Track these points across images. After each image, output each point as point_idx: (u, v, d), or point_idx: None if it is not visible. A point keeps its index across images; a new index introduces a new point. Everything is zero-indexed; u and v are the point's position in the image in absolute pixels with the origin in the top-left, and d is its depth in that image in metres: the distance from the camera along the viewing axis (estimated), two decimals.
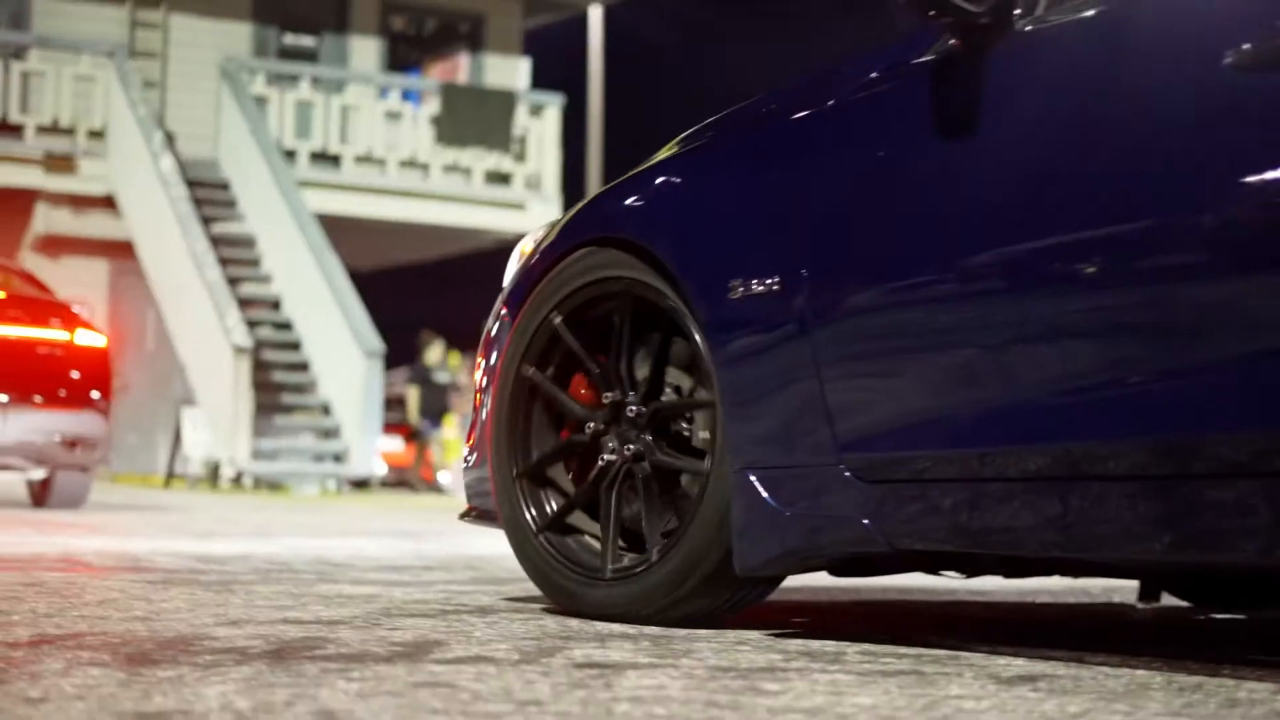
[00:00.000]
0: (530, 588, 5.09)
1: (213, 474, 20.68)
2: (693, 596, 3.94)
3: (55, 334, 12.50)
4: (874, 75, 3.78)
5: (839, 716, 2.55)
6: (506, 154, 25.17)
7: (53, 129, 22.74)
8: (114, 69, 22.95)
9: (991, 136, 3.48)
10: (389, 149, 24.68)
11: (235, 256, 22.26)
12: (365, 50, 26.60)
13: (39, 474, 12.90)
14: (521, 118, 25.63)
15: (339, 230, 23.34)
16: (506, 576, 5.86)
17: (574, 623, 4.01)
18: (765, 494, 3.76)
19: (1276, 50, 2.93)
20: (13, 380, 12.27)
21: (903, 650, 3.55)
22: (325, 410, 21.42)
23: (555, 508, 4.28)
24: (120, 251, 23.26)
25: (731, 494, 3.81)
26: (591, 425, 4.21)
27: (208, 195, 22.86)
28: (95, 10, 24.44)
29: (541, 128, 25.79)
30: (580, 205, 4.53)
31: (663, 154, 4.36)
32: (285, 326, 22.11)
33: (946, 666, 3.24)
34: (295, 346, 21.97)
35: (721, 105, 4.49)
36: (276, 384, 21.43)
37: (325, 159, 24.36)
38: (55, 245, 23.35)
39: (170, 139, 22.90)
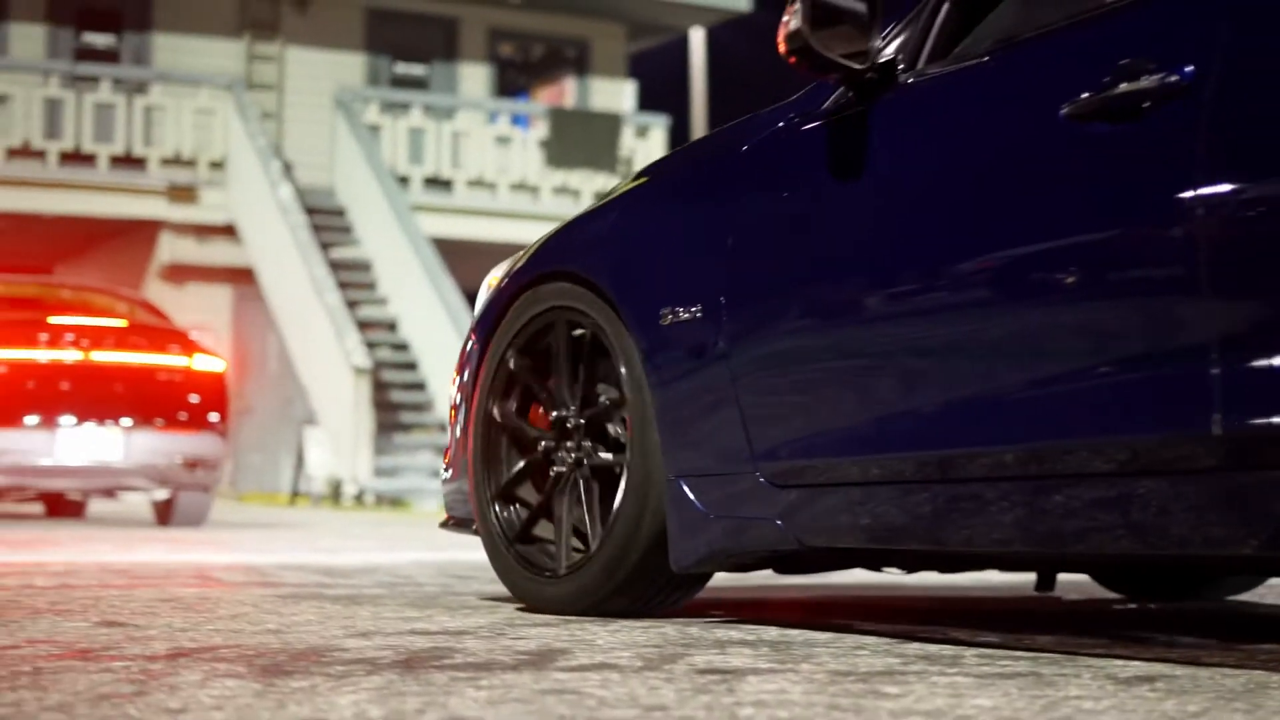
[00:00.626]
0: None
1: (335, 492, 20.82)
2: (624, 589, 4.30)
3: (175, 360, 12.67)
4: (781, 124, 4.14)
5: (960, 718, 2.52)
6: (614, 175, 25.22)
7: (175, 161, 23.00)
8: (233, 101, 23.18)
9: (877, 178, 3.82)
10: (499, 172, 24.79)
11: (353, 280, 22.42)
12: (474, 77, 26.74)
13: (162, 494, 13.06)
14: (627, 139, 25.67)
15: (452, 252, 23.46)
16: None
17: (694, 630, 4.00)
18: (694, 499, 4.13)
19: (1100, 103, 3.27)
20: (135, 405, 12.47)
21: (1020, 652, 3.52)
22: (442, 428, 21.53)
23: (522, 522, 4.63)
24: (242, 278, 23.48)
25: (666, 499, 4.18)
26: (543, 444, 4.59)
27: (325, 221, 23.03)
28: (213, 45, 24.71)
29: (647, 148, 25.81)
30: (539, 240, 4.87)
31: (613, 192, 4.70)
32: (402, 347, 22.24)
33: (1064, 668, 3.20)
34: (412, 366, 22.09)
35: None
36: (395, 403, 21.55)
37: (438, 184, 24.50)
38: (180, 273, 23.61)
39: (288, 168, 23.10)
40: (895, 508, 3.69)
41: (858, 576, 6.83)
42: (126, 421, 12.43)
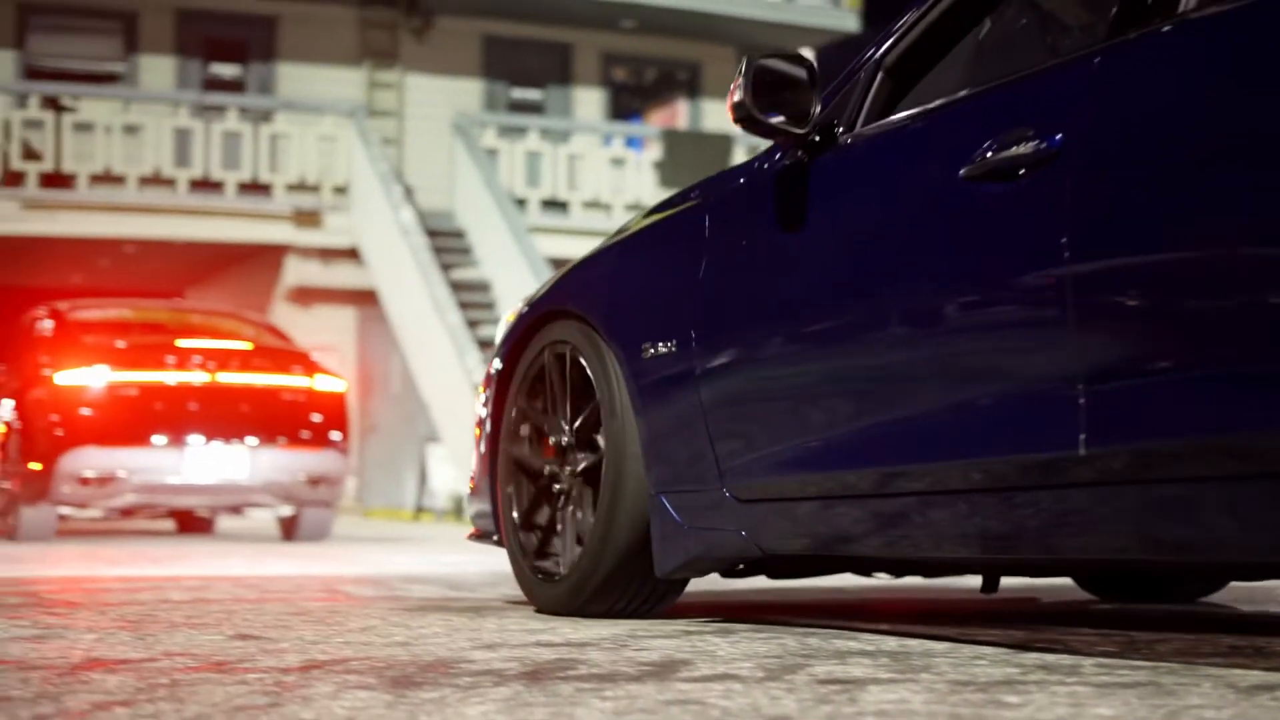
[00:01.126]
0: (763, 611, 5.07)
1: (457, 507, 20.92)
2: (605, 592, 4.76)
3: (297, 380, 12.82)
4: (742, 179, 4.59)
5: None
6: None
7: (300, 186, 23.21)
8: (354, 128, 23.37)
9: (817, 227, 4.25)
10: (614, 194, 24.84)
11: (473, 300, 22.53)
12: (589, 101, 26.83)
13: (287, 510, 13.19)
14: (738, 159, 25.66)
15: None
16: (737, 599, 5.84)
17: (814, 640, 3.99)
18: (673, 512, 4.57)
19: (989, 166, 3.66)
20: (260, 424, 12.64)
21: (1138, 662, 3.47)
22: None
23: (539, 540, 5.11)
24: (366, 299, 23.66)
25: (650, 512, 4.62)
26: (548, 469, 5.08)
27: (445, 243, 23.16)
28: (336, 73, 24.93)
29: None
30: (551, 278, 5.40)
31: (620, 231, 5.16)
32: None
33: (1183, 677, 3.16)
34: None
35: None
36: None
37: (554, 205, 24.59)
38: (305, 295, 23.82)
39: (409, 192, 23.26)
40: (839, 519, 4.16)
41: (951, 582, 6.77)
42: (252, 440, 12.58)
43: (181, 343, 13.12)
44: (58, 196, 22.18)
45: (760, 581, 6.44)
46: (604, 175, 24.78)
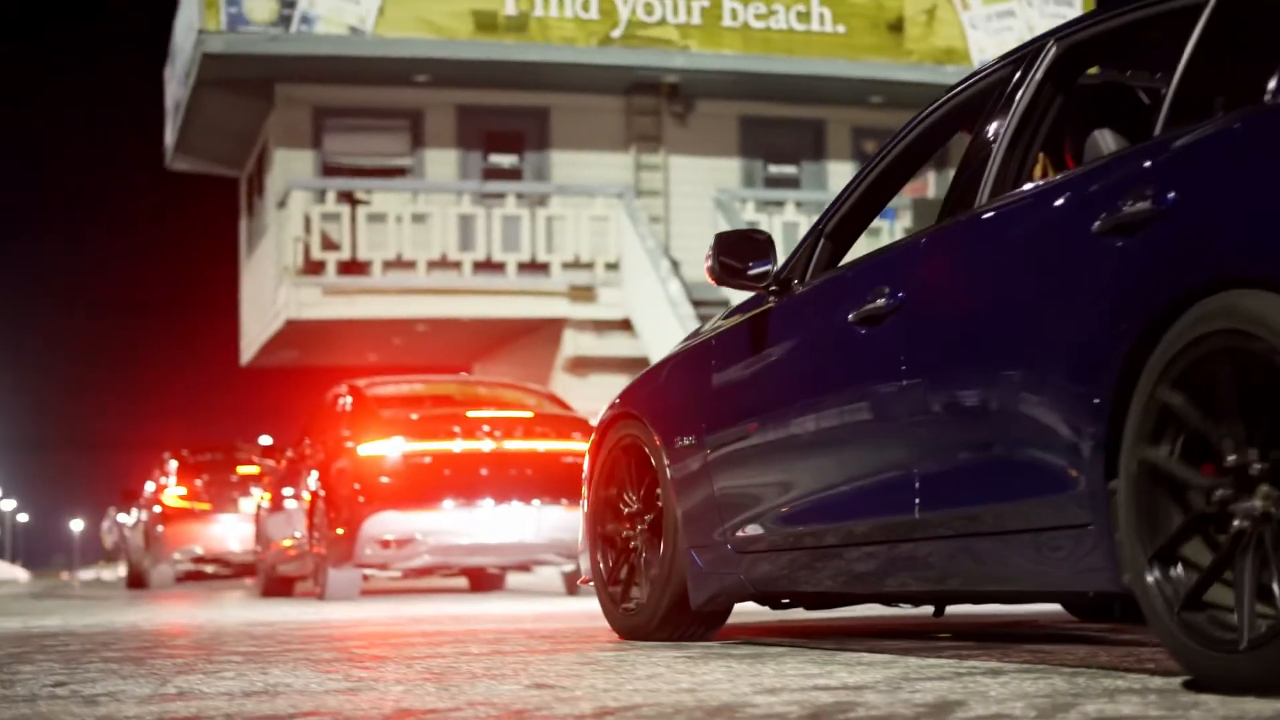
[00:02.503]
0: (1050, 654, 4.97)
1: None
2: (666, 623, 6.05)
3: (577, 445, 12.95)
4: (739, 314, 5.87)
5: None
6: None
7: (574, 264, 23.50)
8: (623, 208, 23.63)
9: (773, 353, 5.58)
10: None
11: None
12: (841, 173, 26.74)
13: (570, 566, 13.31)
14: None
15: None
16: (1008, 635, 5.73)
17: (1081, 679, 3.90)
18: (699, 562, 5.88)
19: (864, 313, 4.98)
20: (544, 487, 12.81)
21: None
22: None
23: (621, 586, 6.38)
24: (639, 367, 23.81)
25: (685, 563, 5.91)
26: (625, 532, 6.39)
27: (711, 313, 23.22)
28: (604, 158, 25.24)
29: None
30: (625, 387, 6.83)
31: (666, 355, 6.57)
32: None
33: None
34: None
35: None
36: None
37: None
38: (582, 365, 24.07)
39: (675, 265, 23.42)
40: (792, 564, 5.43)
41: None
42: (536, 502, 12.75)
43: (470, 413, 13.36)
44: (354, 282, 22.78)
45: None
46: (860, 244, 24.59)
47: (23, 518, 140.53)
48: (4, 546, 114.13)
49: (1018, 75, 4.77)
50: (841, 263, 5.61)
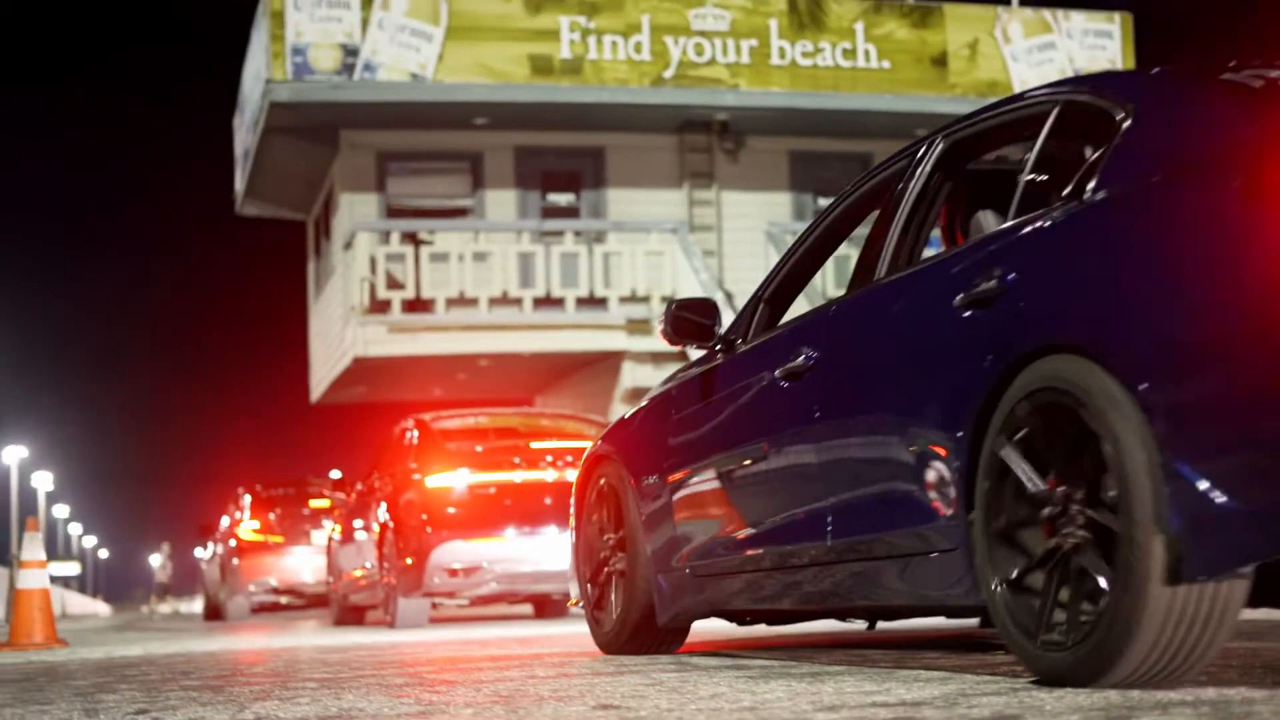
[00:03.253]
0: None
1: None
2: (634, 637, 6.81)
3: None
4: (694, 368, 6.59)
5: None
6: None
7: (631, 298, 23.53)
8: (677, 243, 23.65)
9: (716, 404, 6.26)
10: None
11: None
12: None
13: None
14: None
15: None
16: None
17: (1135, 693, 3.86)
18: (663, 585, 6.60)
19: (788, 370, 5.68)
20: None
21: None
22: None
23: (596, 605, 7.16)
24: None
25: (652, 586, 6.66)
26: (604, 555, 7.11)
27: None
28: (659, 195, 25.27)
29: None
30: (602, 430, 7.60)
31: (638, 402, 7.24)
32: None
33: None
34: None
35: None
36: None
37: None
38: (640, 396, 24.00)
39: (729, 296, 23.40)
40: (736, 585, 6.03)
41: None
42: None
43: (532, 444, 13.38)
44: (419, 320, 22.87)
45: None
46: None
47: (103, 554, 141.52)
48: (86, 582, 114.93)
49: (911, 166, 5.55)
50: (780, 324, 6.24)
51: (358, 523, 15.05)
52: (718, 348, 6.35)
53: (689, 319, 6.32)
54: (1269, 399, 3.64)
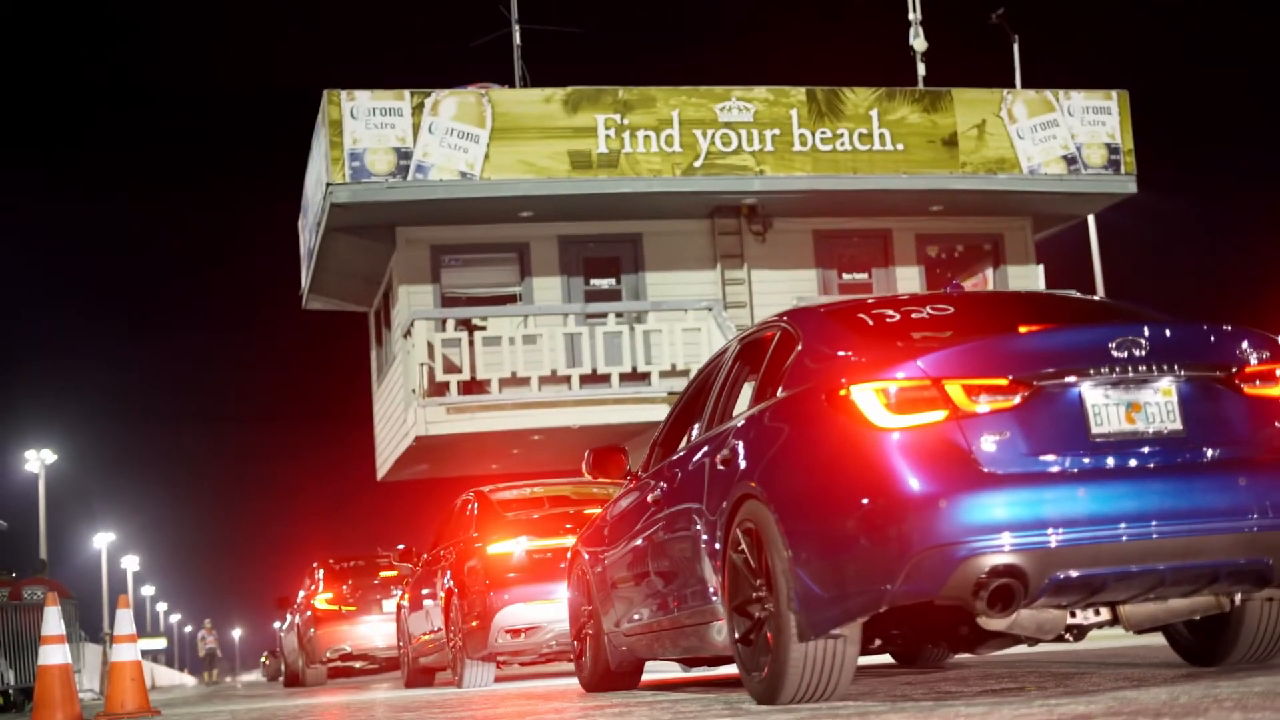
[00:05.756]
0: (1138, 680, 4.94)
1: None
2: (603, 680, 9.29)
3: None
4: (628, 484, 8.75)
5: None
6: None
7: (670, 372, 23.58)
8: (712, 319, 23.74)
9: (623, 513, 8.61)
10: None
11: None
12: (908, 277, 26.76)
13: None
14: None
15: None
16: (1093, 682, 5.68)
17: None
18: (610, 642, 8.98)
19: (632, 502, 8.85)
20: None
21: None
22: None
23: (578, 657, 10.12)
24: None
25: (605, 642, 9.03)
26: (581, 621, 9.82)
27: None
28: (694, 276, 25.38)
29: None
30: (584, 527, 10.21)
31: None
32: None
33: None
34: None
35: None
36: None
37: None
38: None
39: None
40: (646, 641, 8.19)
41: None
42: None
43: (586, 511, 13.40)
44: (475, 400, 22.98)
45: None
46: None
47: (188, 629, 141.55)
48: (173, 656, 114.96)
49: (718, 363, 7.69)
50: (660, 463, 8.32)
51: (425, 590, 15.09)
52: (629, 477, 8.82)
53: (605, 460, 8.83)
54: (835, 535, 5.60)
